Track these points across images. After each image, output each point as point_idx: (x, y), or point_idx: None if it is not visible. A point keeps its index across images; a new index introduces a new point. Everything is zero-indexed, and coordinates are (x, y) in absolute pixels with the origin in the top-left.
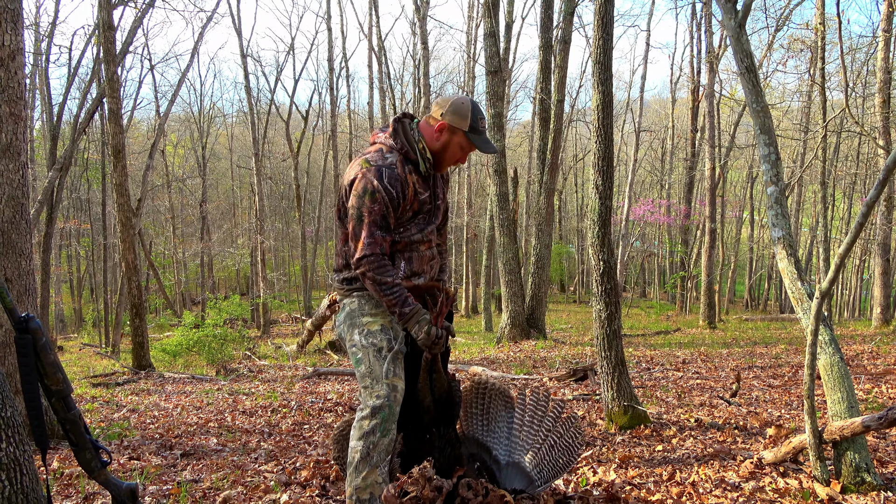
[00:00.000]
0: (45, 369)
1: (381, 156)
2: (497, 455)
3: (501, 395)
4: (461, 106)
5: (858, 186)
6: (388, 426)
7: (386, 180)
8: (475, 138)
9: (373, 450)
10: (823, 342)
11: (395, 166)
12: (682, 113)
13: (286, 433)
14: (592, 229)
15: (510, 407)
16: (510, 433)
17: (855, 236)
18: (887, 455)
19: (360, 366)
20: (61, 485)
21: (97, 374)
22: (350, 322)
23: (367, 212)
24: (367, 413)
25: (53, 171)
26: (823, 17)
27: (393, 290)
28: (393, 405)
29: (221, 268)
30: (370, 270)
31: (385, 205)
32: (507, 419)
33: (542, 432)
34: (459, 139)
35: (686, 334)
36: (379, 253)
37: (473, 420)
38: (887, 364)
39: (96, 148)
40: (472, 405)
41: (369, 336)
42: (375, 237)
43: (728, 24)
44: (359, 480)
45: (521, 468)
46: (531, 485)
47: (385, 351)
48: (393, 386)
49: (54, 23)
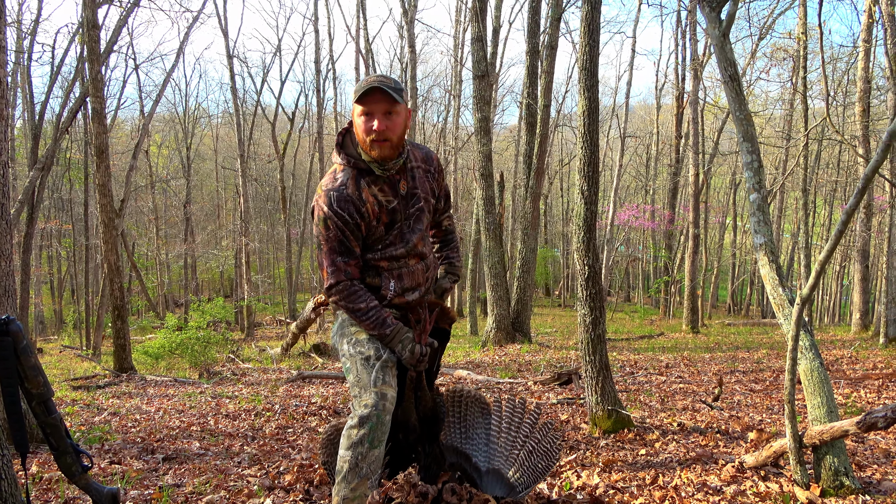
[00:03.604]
0: (25, 372)
1: (333, 178)
2: (477, 462)
3: (477, 402)
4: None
5: (839, 193)
6: (377, 436)
7: (336, 205)
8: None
9: (361, 460)
10: (804, 347)
11: (345, 186)
12: (666, 119)
13: (270, 437)
14: (578, 234)
15: (487, 413)
16: (488, 440)
17: (835, 243)
18: (865, 459)
19: (349, 375)
20: (40, 489)
21: (78, 376)
22: (341, 332)
23: (324, 240)
24: (355, 422)
25: (35, 170)
26: (806, 27)
27: (368, 315)
28: (381, 414)
29: (205, 270)
30: (341, 300)
31: (339, 230)
32: (484, 425)
33: (521, 438)
34: (355, 112)
35: (669, 339)
36: (345, 279)
37: (451, 429)
38: (866, 369)
39: (79, 147)
40: (449, 413)
41: (357, 345)
42: (337, 264)
43: (712, 33)
44: (347, 491)
45: (500, 475)
46: (512, 491)
47: (373, 359)
48: (382, 394)
49: (37, 20)
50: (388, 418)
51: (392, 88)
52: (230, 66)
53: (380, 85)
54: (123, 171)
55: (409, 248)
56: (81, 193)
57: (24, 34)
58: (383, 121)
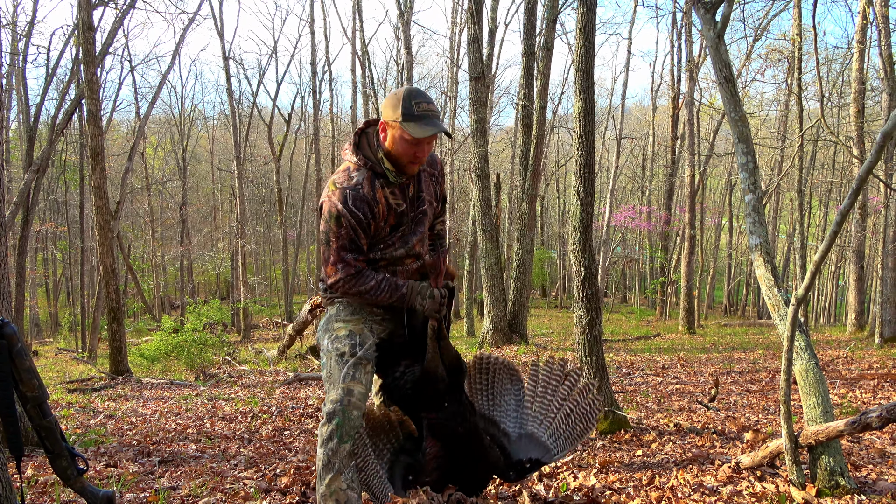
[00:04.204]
0: (20, 375)
1: (347, 176)
2: (506, 428)
3: (506, 369)
4: (393, 97)
5: (834, 194)
6: (346, 431)
7: (351, 203)
8: (409, 125)
9: (333, 456)
10: (799, 348)
11: (360, 186)
12: (662, 120)
13: (266, 439)
14: (574, 235)
15: (516, 380)
16: (519, 405)
17: (829, 244)
18: (861, 459)
19: (324, 370)
20: (36, 493)
21: (73, 379)
22: (325, 327)
23: (335, 236)
24: (324, 420)
25: (30, 172)
26: (800, 29)
27: (381, 288)
28: (347, 409)
29: (201, 272)
30: (351, 287)
31: (352, 228)
32: (513, 392)
33: (557, 401)
34: (399, 132)
35: (666, 339)
36: (353, 273)
37: (478, 395)
38: (861, 369)
39: (74, 150)
40: (475, 381)
41: (335, 341)
42: (347, 260)
43: (707, 34)
44: (323, 488)
45: (535, 438)
46: (547, 453)
47: (347, 356)
48: (348, 390)
49: (32, 22)
50: (355, 413)
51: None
52: (226, 67)
53: (445, 130)
54: (119, 173)
55: (409, 249)
56: (77, 196)
57: (19, 36)
58: (426, 150)
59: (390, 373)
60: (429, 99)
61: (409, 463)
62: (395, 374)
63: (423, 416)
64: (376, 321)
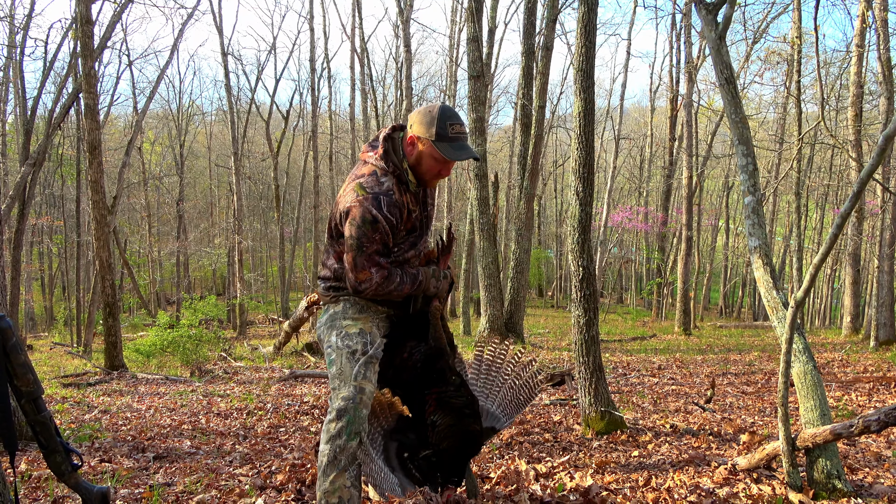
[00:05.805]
0: (14, 370)
1: (377, 181)
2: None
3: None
4: (427, 114)
5: (831, 197)
6: (355, 429)
7: (385, 209)
8: (442, 146)
9: (340, 453)
10: (797, 350)
11: (392, 192)
12: (660, 121)
13: (262, 436)
14: (572, 235)
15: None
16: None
17: (829, 247)
18: (857, 462)
19: (332, 367)
20: (29, 488)
21: (68, 374)
22: (331, 324)
23: (369, 241)
24: (332, 416)
25: (26, 166)
26: (800, 31)
27: (403, 282)
28: (358, 407)
29: (198, 267)
30: (381, 291)
31: (385, 233)
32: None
33: (501, 378)
34: (429, 150)
35: (662, 340)
36: (386, 275)
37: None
38: (857, 372)
39: (71, 143)
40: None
41: (346, 339)
42: (381, 263)
43: (709, 35)
44: (327, 484)
45: (485, 410)
46: (499, 421)
47: (359, 354)
48: (360, 388)
49: (30, 15)
50: (364, 412)
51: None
52: (225, 63)
53: (476, 156)
54: (116, 167)
55: (417, 250)
56: (73, 190)
57: (16, 29)
58: (450, 169)
59: (398, 353)
60: (461, 121)
61: (403, 441)
62: (402, 356)
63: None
64: (381, 319)
